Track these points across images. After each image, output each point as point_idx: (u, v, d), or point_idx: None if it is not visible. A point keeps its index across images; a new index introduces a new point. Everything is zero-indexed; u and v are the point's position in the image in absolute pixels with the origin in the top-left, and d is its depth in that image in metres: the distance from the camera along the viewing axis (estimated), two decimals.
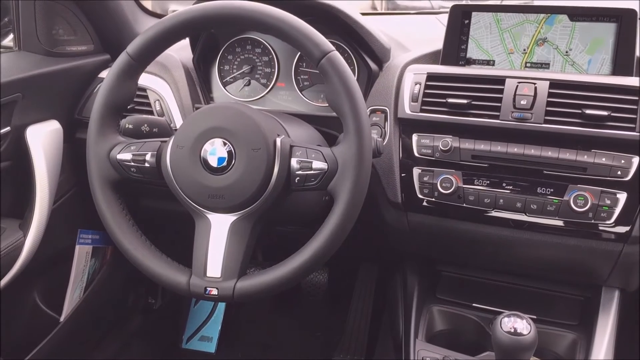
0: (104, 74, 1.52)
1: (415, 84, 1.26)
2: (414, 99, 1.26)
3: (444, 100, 1.23)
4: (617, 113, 1.12)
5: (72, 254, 1.58)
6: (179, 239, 1.34)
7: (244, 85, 1.50)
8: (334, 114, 0.99)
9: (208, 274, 1.00)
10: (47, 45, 1.41)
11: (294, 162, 0.99)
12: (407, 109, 1.26)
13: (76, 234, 1.58)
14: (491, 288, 1.43)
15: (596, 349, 1.26)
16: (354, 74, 1.40)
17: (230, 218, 1.00)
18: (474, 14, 1.31)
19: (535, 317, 1.31)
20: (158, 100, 1.41)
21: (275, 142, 0.99)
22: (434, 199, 1.23)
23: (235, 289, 0.99)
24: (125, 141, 1.07)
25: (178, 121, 1.39)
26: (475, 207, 1.21)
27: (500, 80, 1.21)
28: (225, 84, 1.51)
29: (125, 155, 1.05)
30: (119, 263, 1.80)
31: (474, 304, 1.40)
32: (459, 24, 1.32)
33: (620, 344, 1.28)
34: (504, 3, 1.35)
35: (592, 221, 1.14)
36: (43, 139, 1.37)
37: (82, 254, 1.61)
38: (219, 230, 1.01)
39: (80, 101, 1.49)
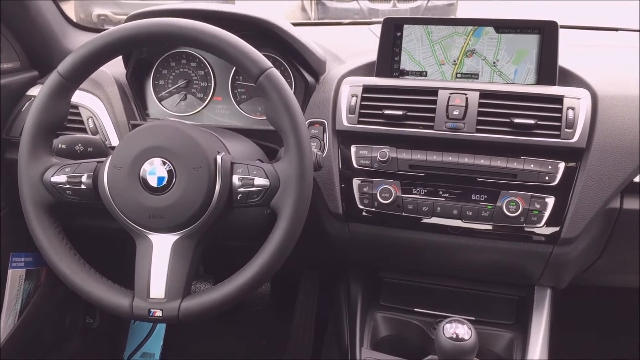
0: (32, 91, 1.46)
1: (352, 96, 1.29)
2: (351, 111, 1.28)
3: (380, 112, 1.26)
4: (543, 121, 1.18)
5: (4, 279, 1.51)
6: (119, 259, 1.31)
7: (180, 100, 1.48)
8: (273, 127, 1.00)
9: (151, 296, 0.99)
10: None
11: (235, 180, 0.99)
12: (345, 121, 1.28)
13: (8, 257, 1.52)
14: (432, 292, 1.47)
15: (532, 345, 1.31)
16: (291, 87, 1.41)
17: (172, 238, 0.99)
18: (405, 26, 1.34)
19: (473, 318, 1.36)
20: (91, 117, 1.38)
21: (215, 159, 0.99)
22: (374, 209, 1.26)
23: (180, 310, 0.98)
24: (59, 162, 1.05)
25: (113, 139, 1.36)
26: (414, 215, 1.24)
27: (433, 92, 1.25)
28: (160, 99, 1.49)
29: (60, 178, 1.02)
30: (54, 284, 1.74)
31: (416, 309, 1.43)
32: (391, 37, 1.35)
33: (554, 339, 1.35)
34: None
35: (524, 225, 1.19)
36: None
37: (15, 278, 1.55)
38: (161, 251, 0.99)
39: (7, 120, 1.43)
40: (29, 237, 1.03)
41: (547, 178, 1.18)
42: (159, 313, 0.98)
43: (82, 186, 1.02)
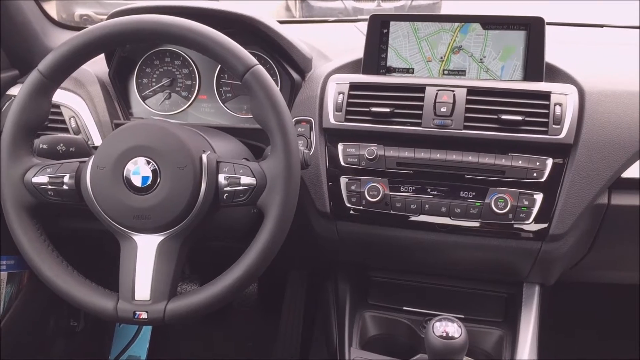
0: (12, 90, 1.44)
1: (339, 94, 1.28)
2: (338, 108, 1.27)
3: (368, 109, 1.24)
4: (530, 117, 1.18)
5: None
6: (103, 261, 1.29)
7: (165, 99, 1.46)
8: (259, 125, 0.98)
9: (136, 297, 0.97)
10: None
11: (221, 179, 0.97)
12: (332, 118, 1.27)
13: None
14: (421, 291, 1.46)
15: (521, 342, 1.31)
16: (277, 84, 1.40)
17: (157, 238, 0.98)
18: (392, 23, 1.33)
19: (463, 316, 1.36)
20: (73, 117, 1.35)
21: (201, 158, 0.97)
22: (361, 207, 1.25)
23: (166, 311, 0.96)
24: (41, 163, 1.03)
25: (96, 138, 1.33)
26: (402, 213, 1.23)
27: (421, 88, 1.24)
28: (144, 98, 1.47)
29: (41, 178, 1.00)
30: (37, 287, 1.72)
31: (404, 308, 1.42)
32: (378, 34, 1.34)
33: (543, 335, 1.34)
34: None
35: (512, 222, 1.19)
36: None
37: None
38: (146, 252, 0.98)
39: None
40: (9, 240, 1.01)
41: (535, 174, 1.17)
42: (144, 315, 0.96)
43: (64, 187, 1.00)
